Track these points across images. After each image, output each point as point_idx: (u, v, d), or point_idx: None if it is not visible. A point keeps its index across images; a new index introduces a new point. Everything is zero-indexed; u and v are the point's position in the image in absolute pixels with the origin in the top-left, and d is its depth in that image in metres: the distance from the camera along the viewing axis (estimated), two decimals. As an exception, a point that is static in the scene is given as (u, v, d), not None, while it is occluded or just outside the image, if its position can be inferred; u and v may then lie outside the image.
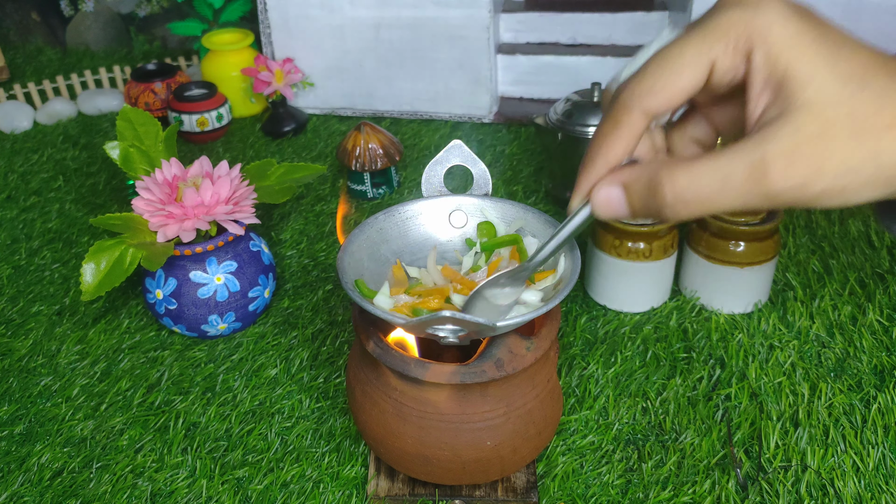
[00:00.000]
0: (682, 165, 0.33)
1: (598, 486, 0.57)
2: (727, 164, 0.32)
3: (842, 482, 0.55)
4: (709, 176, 0.32)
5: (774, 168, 0.31)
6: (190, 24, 1.28)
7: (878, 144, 0.31)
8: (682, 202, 0.33)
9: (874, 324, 0.69)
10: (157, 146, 0.74)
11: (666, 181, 0.33)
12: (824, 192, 0.31)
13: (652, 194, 0.34)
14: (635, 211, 0.36)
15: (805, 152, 0.31)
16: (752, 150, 0.32)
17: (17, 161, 1.07)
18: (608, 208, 0.37)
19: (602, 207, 0.37)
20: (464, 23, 1.05)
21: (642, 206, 0.35)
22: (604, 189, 0.37)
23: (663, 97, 0.35)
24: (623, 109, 0.36)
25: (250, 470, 0.59)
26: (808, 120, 0.31)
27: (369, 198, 0.94)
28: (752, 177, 0.31)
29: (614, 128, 0.36)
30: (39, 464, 0.60)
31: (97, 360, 0.71)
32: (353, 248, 0.53)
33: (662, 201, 0.34)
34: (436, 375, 0.47)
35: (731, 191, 0.32)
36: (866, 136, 0.31)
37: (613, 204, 0.37)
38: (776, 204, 0.32)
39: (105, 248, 0.65)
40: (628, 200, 0.36)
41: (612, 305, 0.74)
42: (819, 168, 0.31)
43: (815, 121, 0.31)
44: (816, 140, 0.31)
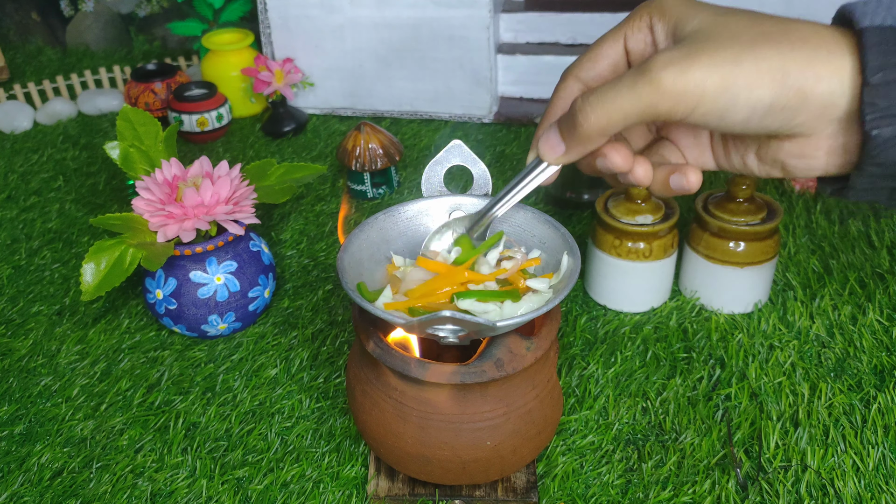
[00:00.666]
0: (591, 91, 0.39)
1: (598, 486, 0.57)
2: (622, 78, 0.37)
3: (842, 482, 0.55)
4: (608, 85, 0.38)
5: (657, 60, 0.36)
6: (190, 24, 1.28)
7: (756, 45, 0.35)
8: (589, 106, 0.38)
9: (874, 324, 0.69)
10: (157, 146, 0.74)
11: (578, 103, 0.39)
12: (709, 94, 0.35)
13: (570, 115, 0.40)
14: (566, 139, 0.42)
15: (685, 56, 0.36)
16: (641, 65, 0.37)
17: (17, 161, 1.07)
18: (548, 146, 0.43)
19: (544, 148, 0.43)
20: (464, 23, 1.05)
21: (567, 129, 0.41)
22: (544, 134, 0.43)
23: (588, 63, 0.44)
24: (561, 81, 0.45)
25: (250, 470, 0.59)
26: (692, 40, 0.37)
27: (369, 198, 0.94)
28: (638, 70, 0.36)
29: (555, 95, 0.45)
30: (39, 464, 0.60)
31: (97, 360, 0.71)
32: (353, 248, 0.53)
33: (573, 111, 0.39)
34: (436, 375, 0.47)
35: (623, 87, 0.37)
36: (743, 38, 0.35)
37: (552, 140, 0.43)
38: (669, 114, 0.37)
39: (105, 248, 0.65)
40: (560, 133, 0.42)
41: (612, 305, 0.74)
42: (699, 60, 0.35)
43: (696, 39, 0.36)
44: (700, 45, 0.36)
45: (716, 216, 0.69)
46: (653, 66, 0.36)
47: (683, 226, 0.76)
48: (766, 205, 0.70)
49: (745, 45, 0.35)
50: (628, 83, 0.37)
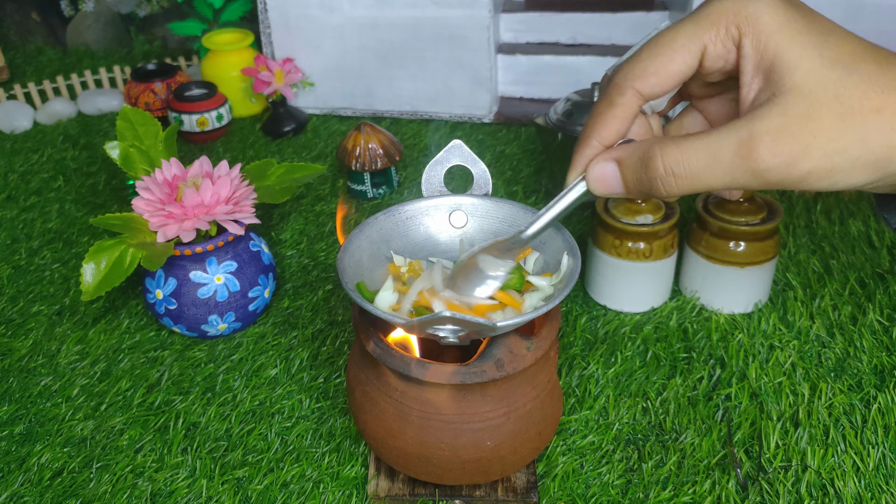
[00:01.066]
0: (674, 141, 0.34)
1: (598, 486, 0.57)
2: (717, 140, 0.33)
3: (842, 482, 0.55)
4: (699, 151, 0.33)
5: (762, 145, 0.32)
6: (190, 24, 1.28)
7: (865, 127, 0.31)
8: (673, 176, 0.34)
9: (874, 324, 0.69)
10: (157, 146, 0.74)
11: (658, 155, 0.34)
12: (811, 171, 0.32)
13: (644, 168, 0.35)
14: (629, 186, 0.37)
15: (792, 131, 0.32)
16: (742, 128, 0.32)
17: (17, 161, 1.07)
18: (603, 183, 0.38)
19: (597, 182, 0.38)
20: (464, 23, 1.05)
21: (635, 180, 0.36)
22: (599, 165, 0.37)
23: (656, 79, 0.36)
24: (617, 91, 0.37)
25: (250, 470, 0.59)
26: (797, 102, 0.32)
27: (369, 198, 0.94)
28: (739, 153, 0.32)
29: (608, 108, 0.37)
30: (39, 464, 0.60)
31: (97, 360, 0.71)
32: (353, 249, 0.53)
33: (654, 174, 0.35)
34: (436, 375, 0.47)
35: (720, 166, 0.33)
36: (853, 118, 0.31)
37: (608, 179, 0.37)
38: (764, 182, 0.33)
39: (105, 248, 0.65)
40: (622, 176, 0.37)
41: (612, 305, 0.74)
42: (806, 147, 0.32)
43: (802, 102, 0.32)
44: (804, 120, 0.32)
45: (716, 216, 0.69)
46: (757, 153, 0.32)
47: (684, 226, 0.76)
48: (767, 205, 0.70)
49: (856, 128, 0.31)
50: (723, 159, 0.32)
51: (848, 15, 0.95)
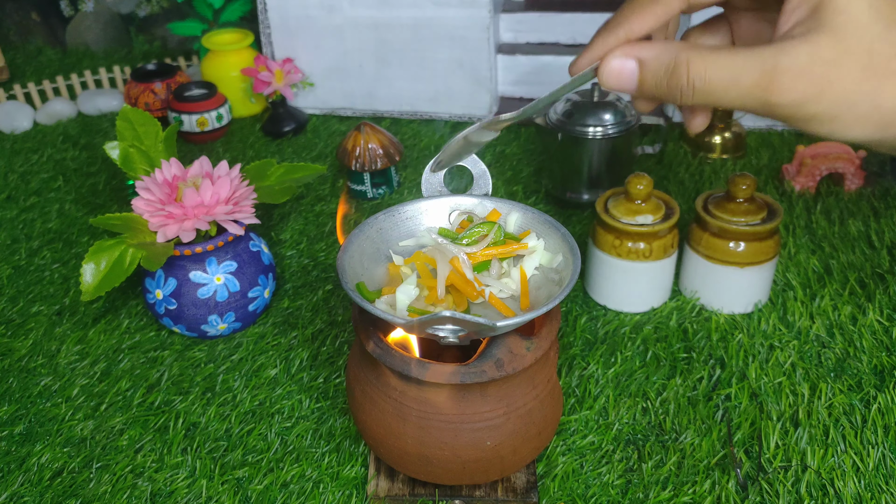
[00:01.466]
0: (702, 53, 0.34)
1: (598, 486, 0.57)
2: (743, 63, 0.33)
3: (842, 482, 0.55)
4: (724, 70, 0.33)
5: (781, 80, 0.32)
6: (190, 24, 1.28)
7: (881, 86, 0.32)
8: (694, 89, 0.34)
9: (874, 324, 0.69)
10: (156, 146, 0.74)
11: (685, 65, 0.34)
12: (817, 115, 0.33)
13: (669, 74, 0.34)
14: (644, 88, 0.36)
15: (813, 73, 0.32)
16: (769, 58, 0.32)
17: (17, 161, 1.07)
18: (618, 79, 0.36)
19: (612, 76, 0.36)
20: (464, 23, 1.05)
21: (654, 84, 0.35)
22: (618, 59, 0.36)
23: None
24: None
25: (250, 470, 0.59)
26: (828, 45, 0.32)
27: (369, 198, 0.94)
28: (760, 82, 0.32)
29: (651, 2, 0.36)
30: (39, 464, 0.60)
31: (97, 360, 0.71)
32: (353, 249, 0.53)
33: (676, 82, 0.34)
34: (436, 375, 0.47)
35: (738, 89, 0.33)
36: (874, 75, 0.32)
37: (625, 76, 0.36)
38: (771, 114, 0.33)
39: (105, 248, 0.65)
40: (641, 76, 0.36)
41: (612, 305, 0.74)
42: (820, 92, 0.32)
43: (834, 47, 0.32)
44: (829, 66, 0.32)
45: (716, 216, 0.69)
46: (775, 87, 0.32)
47: (683, 226, 0.76)
48: (766, 205, 0.70)
49: (873, 85, 0.32)
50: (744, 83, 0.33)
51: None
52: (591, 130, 0.83)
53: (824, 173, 0.89)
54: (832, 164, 0.88)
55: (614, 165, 0.86)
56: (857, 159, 0.88)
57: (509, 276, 0.52)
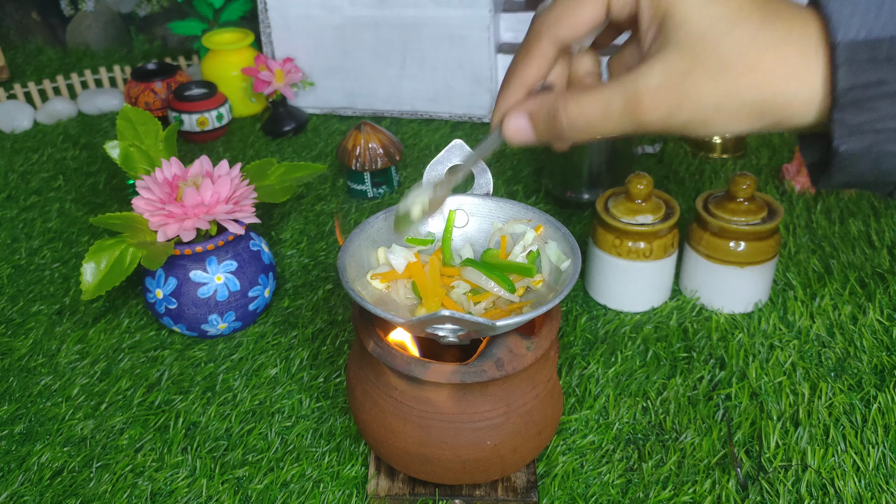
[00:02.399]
0: (573, 96, 0.37)
1: (598, 485, 0.57)
2: (609, 95, 0.36)
3: (842, 482, 0.55)
4: (594, 105, 0.36)
5: (643, 101, 0.35)
6: (190, 23, 1.28)
7: (738, 84, 0.33)
8: (574, 128, 0.37)
9: (874, 323, 0.69)
10: (157, 146, 0.74)
11: (561, 110, 0.37)
12: (688, 122, 0.35)
13: (551, 121, 0.38)
14: (540, 136, 0.40)
15: (670, 88, 0.34)
16: (629, 84, 0.35)
17: (18, 160, 1.07)
18: (517, 135, 0.41)
19: (512, 133, 0.41)
20: (464, 23, 1.05)
21: (545, 130, 0.39)
22: (513, 118, 0.40)
23: (567, 28, 0.39)
24: (535, 37, 0.40)
25: (250, 469, 0.59)
26: (677, 58, 0.34)
27: (369, 197, 0.94)
28: (626, 108, 0.35)
29: (526, 53, 0.40)
30: (39, 463, 0.60)
31: (97, 359, 0.71)
32: (353, 248, 0.53)
33: (560, 127, 0.38)
34: (436, 375, 0.47)
35: (611, 118, 0.36)
36: (727, 76, 0.33)
37: (522, 132, 0.41)
38: (649, 131, 0.36)
39: (105, 247, 0.65)
40: (534, 128, 0.40)
41: (612, 305, 0.74)
42: (679, 104, 0.34)
43: (682, 60, 0.34)
44: (682, 77, 0.34)
45: (716, 216, 0.69)
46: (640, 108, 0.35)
47: (684, 225, 0.76)
48: (767, 204, 0.70)
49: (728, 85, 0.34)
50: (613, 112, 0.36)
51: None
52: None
53: (824, 173, 0.88)
54: (832, 163, 0.88)
55: (614, 165, 0.86)
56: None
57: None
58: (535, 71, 0.41)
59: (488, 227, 0.56)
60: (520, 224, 0.54)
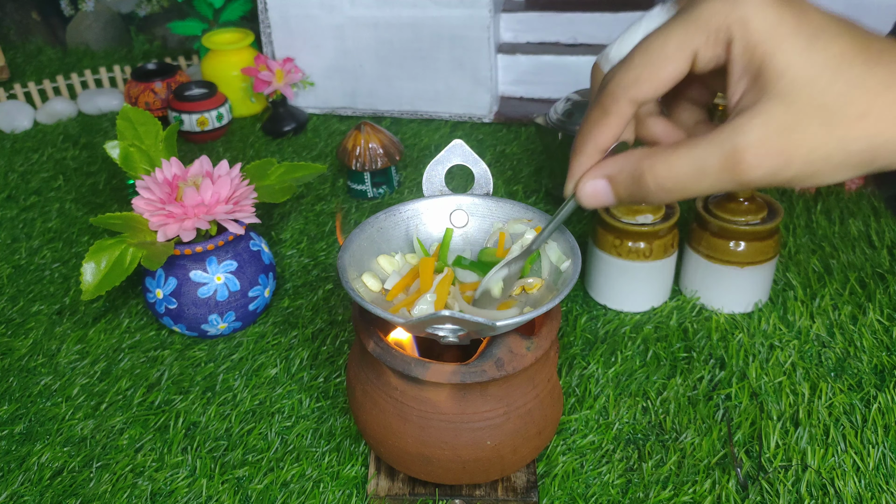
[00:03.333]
0: (661, 156, 0.35)
1: (598, 485, 0.57)
2: (702, 153, 0.34)
3: (842, 482, 0.55)
4: (686, 165, 0.34)
5: (745, 158, 0.32)
6: (190, 23, 1.28)
7: (848, 134, 0.32)
8: (664, 190, 0.35)
9: (874, 323, 0.69)
10: (157, 146, 0.74)
11: (647, 172, 0.35)
12: (795, 177, 0.33)
13: (636, 184, 0.36)
14: (621, 200, 0.38)
15: (775, 143, 0.32)
16: (725, 141, 0.33)
17: (18, 160, 1.07)
18: (595, 199, 0.39)
19: (589, 199, 0.39)
20: (464, 22, 1.05)
21: (628, 195, 0.37)
22: (590, 182, 0.39)
23: (648, 87, 0.36)
24: (611, 98, 0.37)
25: (250, 469, 0.59)
26: (780, 110, 0.32)
27: (369, 197, 0.94)
28: (724, 166, 0.33)
29: (603, 115, 0.38)
30: (39, 463, 0.60)
31: (97, 359, 0.71)
32: (353, 248, 0.53)
33: (646, 190, 0.36)
34: (436, 375, 0.47)
35: (707, 178, 0.34)
36: (836, 125, 0.32)
37: (600, 196, 0.39)
38: (750, 188, 0.34)
39: (105, 247, 0.65)
40: (614, 191, 0.38)
41: (612, 305, 0.74)
42: (788, 158, 0.32)
43: (786, 111, 0.32)
44: (786, 130, 0.32)
45: (716, 216, 0.69)
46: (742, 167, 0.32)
47: (684, 225, 0.76)
48: (767, 204, 0.70)
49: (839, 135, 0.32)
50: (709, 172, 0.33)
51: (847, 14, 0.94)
52: (591, 130, 0.83)
53: (824, 173, 0.88)
54: (832, 163, 0.88)
55: (614, 165, 0.86)
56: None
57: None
58: (611, 134, 0.39)
59: (488, 227, 0.56)
60: (520, 224, 0.54)
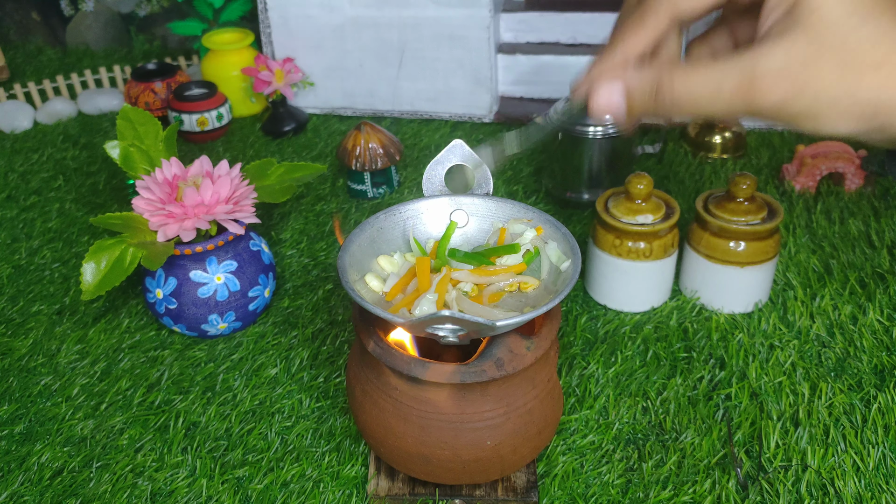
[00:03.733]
0: (681, 70, 0.35)
1: (598, 485, 0.57)
2: (721, 73, 0.34)
3: (842, 482, 0.55)
4: (704, 82, 0.34)
5: (760, 84, 0.33)
6: (190, 23, 1.28)
7: (860, 81, 0.32)
8: (677, 106, 0.35)
9: (874, 323, 0.69)
10: (157, 146, 0.74)
11: (666, 84, 0.35)
12: (800, 113, 0.33)
13: (651, 97, 0.36)
14: (633, 113, 0.37)
15: (791, 74, 0.33)
16: (746, 64, 0.33)
17: (18, 160, 1.07)
18: (608, 106, 0.38)
19: (601, 104, 0.38)
20: (464, 23, 1.05)
21: (641, 108, 0.37)
22: (605, 87, 0.37)
23: (690, 3, 0.36)
24: (651, 7, 0.37)
25: (250, 469, 0.59)
26: (804, 44, 0.33)
27: (369, 197, 0.94)
28: (740, 89, 0.34)
29: (639, 21, 0.37)
30: (39, 463, 0.60)
31: (97, 359, 0.71)
32: (353, 248, 0.53)
33: (661, 103, 0.36)
34: (436, 375, 0.47)
35: (721, 99, 0.34)
36: (851, 70, 0.32)
37: (613, 104, 0.38)
38: (757, 116, 0.34)
39: (105, 247, 0.65)
40: (628, 102, 0.37)
41: (612, 305, 0.74)
42: (799, 91, 0.33)
43: (809, 46, 0.32)
44: (804, 65, 0.33)
45: (716, 216, 0.69)
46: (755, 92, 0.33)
47: (684, 225, 0.76)
48: (767, 204, 0.70)
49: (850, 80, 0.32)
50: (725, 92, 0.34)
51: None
52: (591, 130, 0.83)
53: (824, 173, 0.89)
54: (832, 163, 0.88)
55: (614, 165, 0.86)
56: (857, 159, 0.88)
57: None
58: (642, 42, 0.37)
59: (488, 227, 0.56)
60: (520, 224, 0.54)
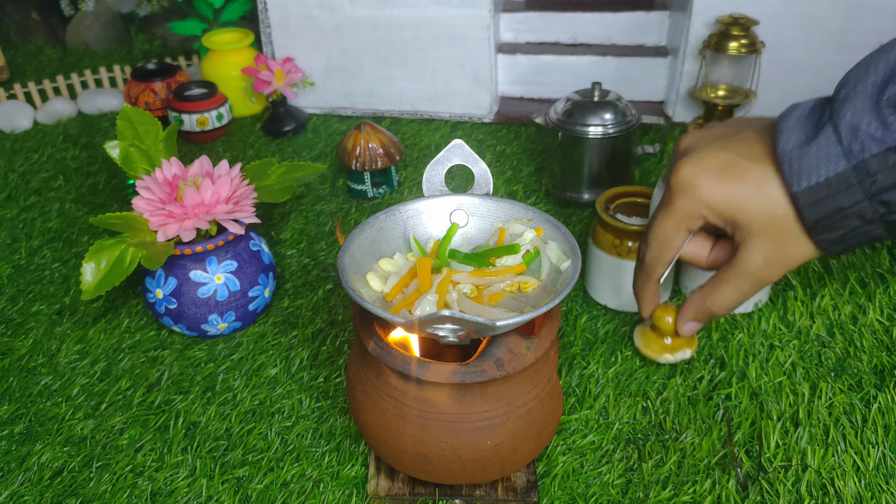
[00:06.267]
0: (715, 294, 0.51)
1: (598, 485, 0.57)
2: (738, 283, 0.50)
3: (842, 482, 0.55)
4: (733, 295, 0.51)
5: (764, 276, 0.49)
6: (190, 23, 1.28)
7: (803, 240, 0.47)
8: (727, 311, 0.52)
9: (874, 323, 0.69)
10: (157, 145, 0.74)
11: (713, 308, 0.52)
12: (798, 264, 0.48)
13: (711, 315, 0.53)
14: (705, 324, 0.56)
15: (774, 258, 0.48)
16: (744, 272, 0.49)
17: (18, 160, 1.07)
18: (691, 332, 0.56)
19: (686, 333, 0.56)
20: (464, 23, 1.05)
21: (708, 321, 0.55)
22: (687, 326, 0.55)
23: (668, 258, 0.53)
24: (650, 268, 0.54)
25: (250, 469, 0.59)
26: (763, 240, 0.47)
27: (369, 197, 0.94)
28: (755, 285, 0.49)
29: (649, 280, 0.55)
30: (39, 463, 0.60)
31: (97, 359, 0.71)
32: (353, 248, 0.53)
33: (719, 315, 0.53)
34: (436, 375, 0.47)
35: (748, 294, 0.50)
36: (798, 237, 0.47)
37: (694, 329, 0.55)
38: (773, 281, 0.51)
39: (105, 247, 0.65)
40: (700, 323, 0.55)
41: (612, 305, 0.74)
42: (786, 263, 0.48)
43: (768, 239, 0.47)
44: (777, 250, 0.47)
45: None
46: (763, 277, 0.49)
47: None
48: (767, 204, 0.70)
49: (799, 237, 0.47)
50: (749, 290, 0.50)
51: (848, 15, 0.94)
52: (591, 130, 0.83)
53: (824, 173, 0.88)
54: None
55: (614, 165, 0.86)
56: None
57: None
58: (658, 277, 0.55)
59: (488, 227, 0.56)
60: (519, 224, 0.54)
